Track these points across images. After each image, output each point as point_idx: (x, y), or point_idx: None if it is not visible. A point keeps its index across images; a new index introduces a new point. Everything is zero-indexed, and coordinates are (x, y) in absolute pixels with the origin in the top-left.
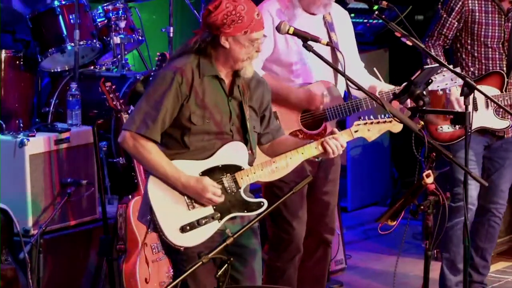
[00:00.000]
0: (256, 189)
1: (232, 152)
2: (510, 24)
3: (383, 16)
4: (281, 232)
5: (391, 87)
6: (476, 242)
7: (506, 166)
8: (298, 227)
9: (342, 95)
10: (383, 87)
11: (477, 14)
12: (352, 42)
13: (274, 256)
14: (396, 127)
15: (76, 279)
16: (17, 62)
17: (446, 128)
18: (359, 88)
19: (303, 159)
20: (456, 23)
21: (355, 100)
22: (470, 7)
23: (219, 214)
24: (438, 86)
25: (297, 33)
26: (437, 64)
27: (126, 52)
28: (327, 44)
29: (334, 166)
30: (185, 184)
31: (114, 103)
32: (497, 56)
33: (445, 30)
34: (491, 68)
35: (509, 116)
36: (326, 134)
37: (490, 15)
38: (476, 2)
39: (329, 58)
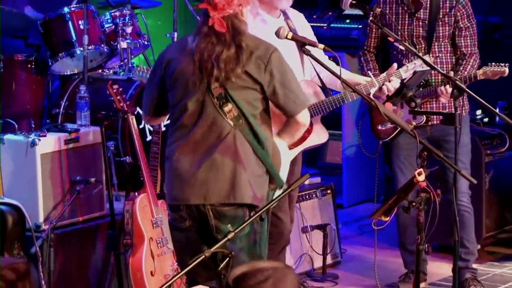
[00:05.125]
0: None
1: None
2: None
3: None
4: (271, 226)
5: (367, 78)
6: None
7: (450, 157)
8: (285, 220)
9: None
10: (358, 80)
11: (386, 16)
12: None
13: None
14: None
15: (85, 272)
16: (29, 65)
17: (383, 126)
18: (354, 90)
19: None
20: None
21: (335, 96)
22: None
23: None
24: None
25: (295, 38)
26: (428, 68)
27: (132, 56)
28: (324, 49)
29: (298, 160)
30: None
31: (121, 104)
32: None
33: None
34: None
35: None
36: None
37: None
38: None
39: (297, 54)
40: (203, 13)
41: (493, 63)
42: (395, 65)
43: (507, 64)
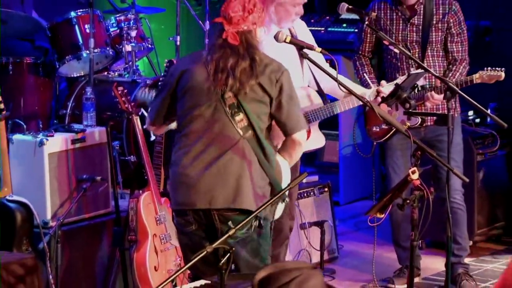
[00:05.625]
0: None
1: None
2: (414, 28)
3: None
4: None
5: (365, 90)
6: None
7: (443, 156)
8: (285, 217)
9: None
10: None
11: (381, 21)
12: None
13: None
14: None
15: (91, 267)
16: (37, 68)
17: (378, 128)
18: (351, 92)
19: None
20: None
21: (332, 103)
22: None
23: None
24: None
25: (293, 42)
26: (422, 70)
27: (137, 59)
28: (321, 52)
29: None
30: None
31: (125, 106)
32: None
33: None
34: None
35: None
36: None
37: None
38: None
39: (298, 62)
40: (218, 28)
41: (489, 68)
42: (383, 82)
43: (503, 69)
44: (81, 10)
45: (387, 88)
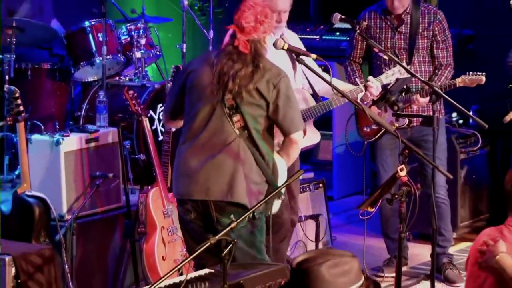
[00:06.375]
0: None
1: None
2: (402, 36)
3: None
4: (273, 217)
5: (353, 87)
6: (431, 222)
7: (429, 155)
8: (286, 212)
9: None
10: (347, 87)
11: (372, 30)
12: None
13: (268, 238)
14: None
15: (103, 257)
16: (54, 73)
17: (368, 128)
18: (343, 95)
19: None
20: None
21: (324, 102)
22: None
23: None
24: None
25: (291, 49)
26: (409, 75)
27: (146, 65)
28: (316, 59)
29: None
30: None
31: (136, 108)
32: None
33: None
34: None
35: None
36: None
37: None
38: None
39: (290, 67)
40: (231, 34)
41: (471, 72)
42: (370, 77)
43: (484, 73)
44: (94, 19)
45: (374, 82)
